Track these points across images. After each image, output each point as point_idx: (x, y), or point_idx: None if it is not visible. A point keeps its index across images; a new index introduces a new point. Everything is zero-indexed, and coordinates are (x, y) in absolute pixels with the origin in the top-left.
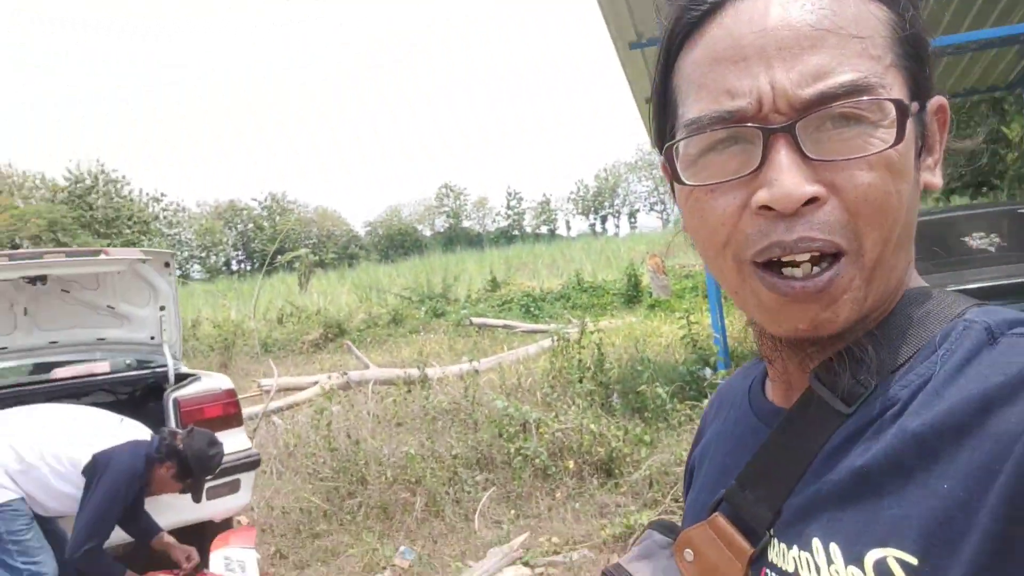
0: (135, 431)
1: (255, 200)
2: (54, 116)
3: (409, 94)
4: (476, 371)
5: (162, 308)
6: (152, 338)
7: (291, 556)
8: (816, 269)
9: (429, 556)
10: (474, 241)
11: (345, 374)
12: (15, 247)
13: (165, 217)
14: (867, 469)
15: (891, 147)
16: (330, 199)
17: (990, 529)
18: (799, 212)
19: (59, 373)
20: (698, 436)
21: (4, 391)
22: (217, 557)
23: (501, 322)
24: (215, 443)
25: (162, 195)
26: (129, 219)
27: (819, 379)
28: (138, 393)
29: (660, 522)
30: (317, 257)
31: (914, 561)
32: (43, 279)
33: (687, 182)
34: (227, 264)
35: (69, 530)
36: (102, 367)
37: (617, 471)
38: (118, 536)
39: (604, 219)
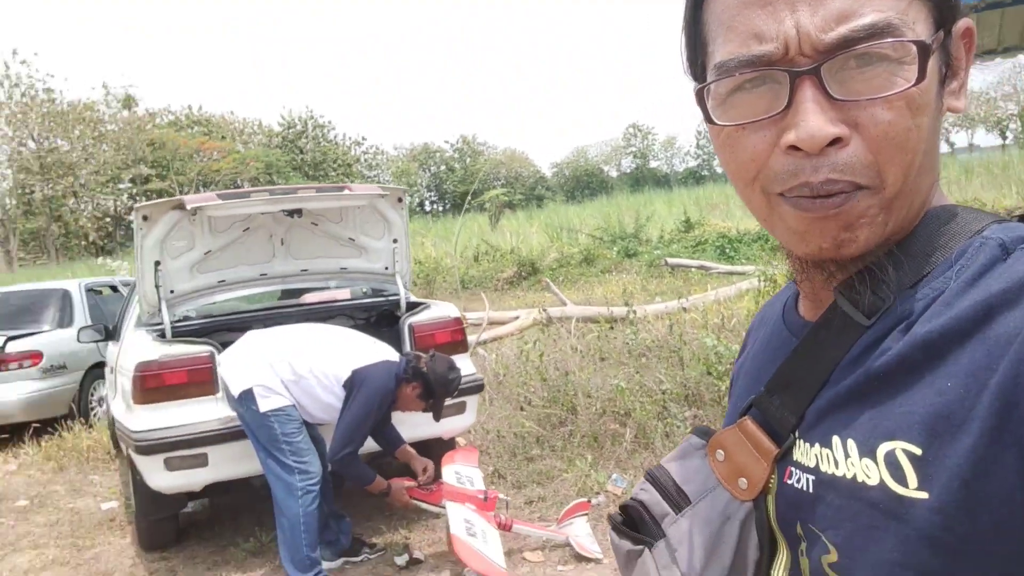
0: (386, 352)
1: (447, 143)
2: (269, 66)
3: (595, 33)
4: (684, 309)
5: (395, 241)
6: (386, 268)
7: (508, 476)
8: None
9: None
10: (661, 181)
11: (544, 310)
12: (237, 187)
13: (365, 160)
14: (881, 372)
15: (912, 86)
16: (518, 141)
17: (985, 420)
18: (824, 152)
19: (308, 298)
20: (740, 352)
21: (264, 312)
22: (448, 471)
23: (697, 263)
24: (454, 368)
25: (363, 139)
26: (334, 162)
27: (843, 295)
28: (372, 319)
29: (700, 427)
30: (507, 198)
31: (918, 451)
32: (299, 212)
33: (717, 122)
34: (421, 205)
35: (326, 438)
36: (343, 294)
37: None
38: (367, 445)
39: None
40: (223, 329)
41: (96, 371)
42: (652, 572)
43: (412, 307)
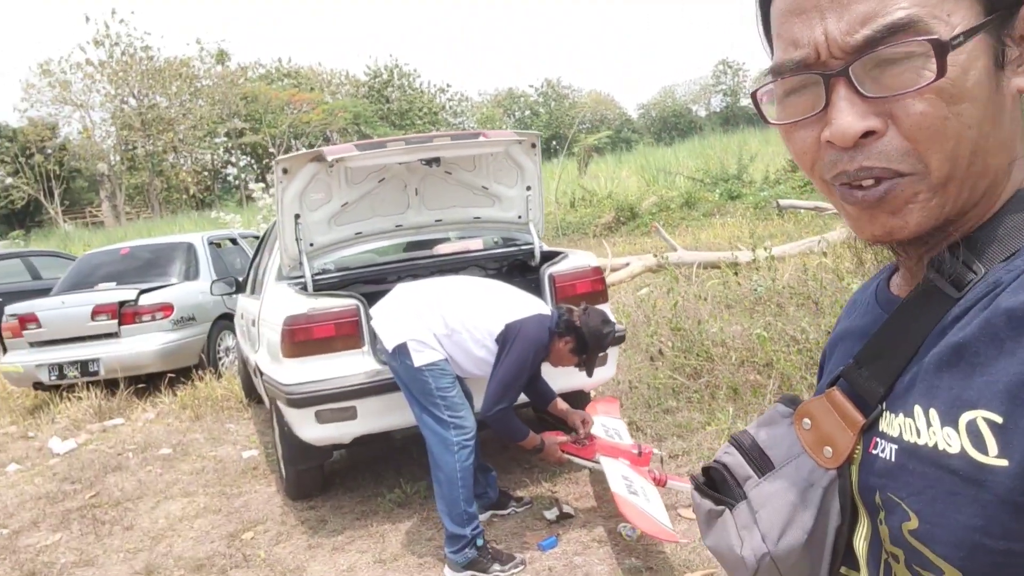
0: (538, 305)
1: (532, 87)
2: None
3: None
4: (823, 253)
5: (528, 188)
6: (519, 217)
7: (647, 430)
8: (875, 182)
9: None
10: (754, 120)
11: (664, 256)
12: (327, 140)
13: (451, 107)
14: (965, 342)
15: (934, 81)
16: (603, 82)
17: None
18: (859, 144)
19: (441, 249)
20: (832, 332)
21: (399, 264)
22: (596, 424)
23: (811, 204)
24: (608, 322)
25: (448, 86)
26: (420, 110)
27: (933, 268)
28: (504, 269)
29: (786, 395)
30: (603, 142)
31: (999, 420)
32: (437, 161)
33: (771, 121)
34: None
35: (475, 392)
36: (476, 244)
37: None
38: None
39: None
40: (360, 281)
41: (222, 323)
42: (732, 532)
43: (546, 257)
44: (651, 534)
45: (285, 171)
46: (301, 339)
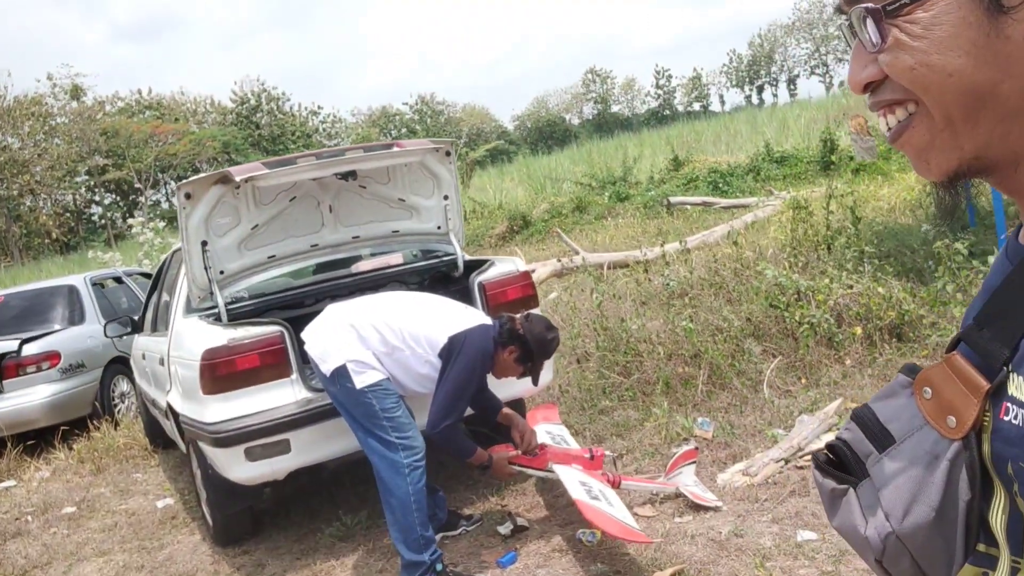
0: (478, 316)
1: (406, 104)
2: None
3: None
4: (735, 243)
5: (446, 197)
6: (439, 228)
7: (586, 431)
8: (893, 121)
9: (731, 426)
10: (624, 125)
11: (561, 260)
12: (196, 171)
13: (324, 129)
14: None
15: (881, 46)
16: (477, 96)
17: None
18: (869, 90)
19: (360, 266)
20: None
21: (317, 286)
22: (540, 431)
23: (699, 199)
24: (551, 328)
25: (319, 108)
26: (292, 134)
27: None
28: (427, 282)
29: (908, 364)
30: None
31: None
32: (353, 174)
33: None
34: None
35: (417, 411)
36: (396, 259)
37: (911, 334)
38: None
39: (761, 89)
40: (277, 307)
41: (114, 367)
42: (856, 511)
43: (471, 266)
44: (620, 536)
45: (188, 196)
46: (223, 373)
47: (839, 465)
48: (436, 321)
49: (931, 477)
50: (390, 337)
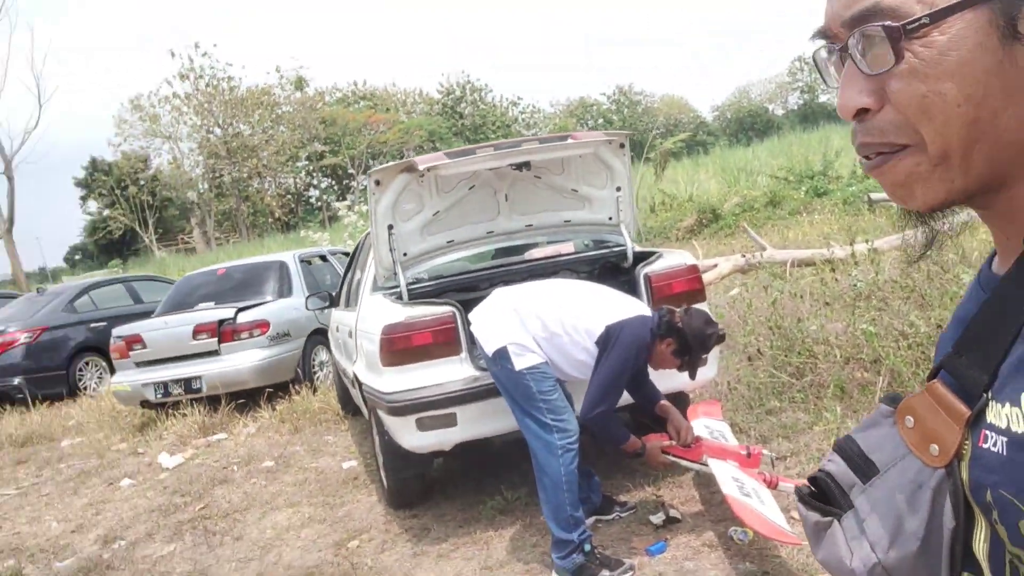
0: (638, 306)
1: (603, 95)
2: (424, 34)
3: None
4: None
5: (618, 189)
6: (610, 218)
7: (751, 431)
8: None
9: None
10: (832, 116)
11: (745, 256)
12: (402, 157)
13: (523, 120)
14: None
15: (893, 67)
16: (676, 86)
17: None
18: (860, 118)
19: (533, 254)
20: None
21: (491, 271)
22: (699, 426)
23: None
24: (711, 322)
25: (519, 99)
26: (493, 124)
27: None
28: (596, 271)
29: (889, 394)
30: (672, 145)
31: None
32: (526, 165)
33: (831, 86)
34: None
35: (576, 396)
36: (567, 248)
37: None
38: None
39: None
40: (453, 289)
41: (315, 338)
42: (841, 544)
43: (640, 257)
44: (769, 536)
45: (378, 183)
46: (399, 347)
47: (823, 497)
48: (595, 310)
49: (916, 506)
50: (550, 323)
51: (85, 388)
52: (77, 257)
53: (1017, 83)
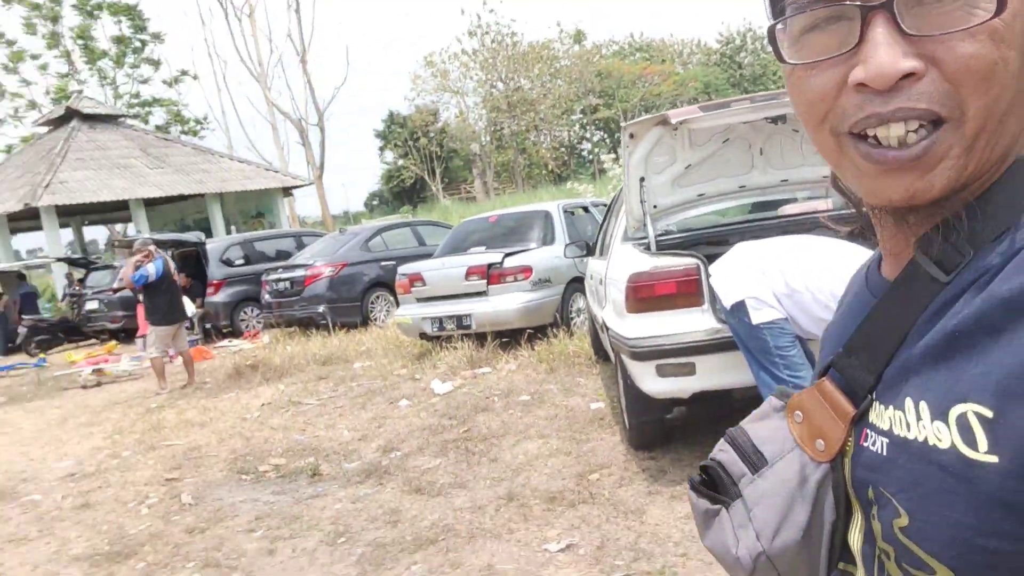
0: None
1: None
2: None
3: None
4: None
5: None
6: None
7: None
8: (913, 137)
9: None
10: None
11: None
12: (674, 107)
13: None
14: (957, 332)
15: (992, 18)
16: None
17: None
18: (896, 87)
19: (786, 210)
20: (831, 319)
21: (742, 225)
22: None
23: None
24: None
25: None
26: (774, 74)
27: (921, 249)
28: (856, 231)
29: (781, 388)
30: None
31: (989, 414)
32: (783, 118)
33: (789, 61)
34: None
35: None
36: (825, 204)
37: None
38: None
39: None
40: (702, 243)
41: (574, 285)
42: (728, 531)
43: None
44: None
45: (632, 136)
46: (644, 295)
47: (713, 485)
48: (841, 270)
49: (800, 498)
50: (792, 279)
51: (375, 319)
52: (375, 203)
53: None
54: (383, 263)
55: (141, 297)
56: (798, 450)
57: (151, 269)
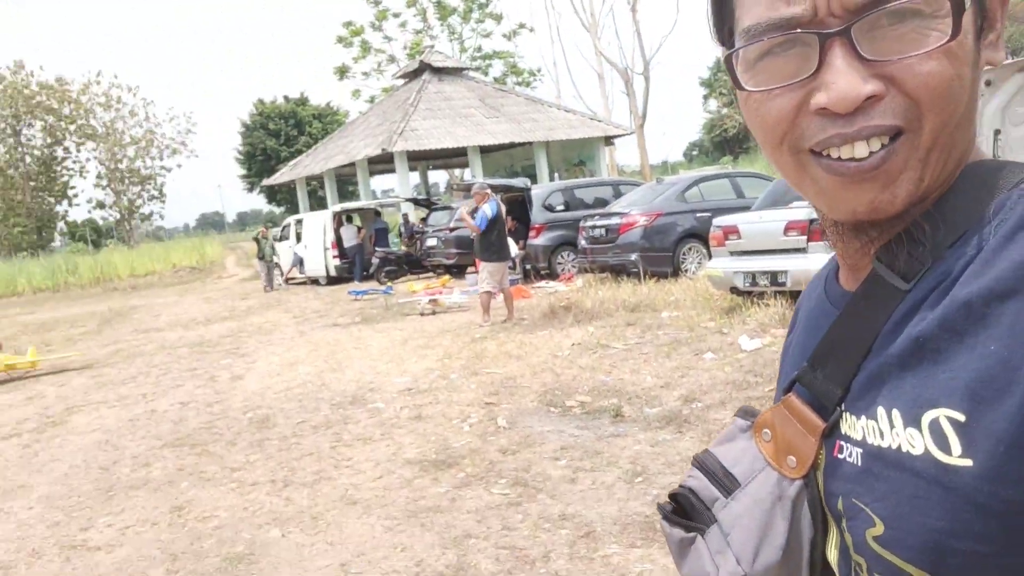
0: None
1: None
2: None
3: None
4: None
5: None
6: None
7: None
8: (871, 151)
9: None
10: None
11: None
12: None
13: None
14: (923, 338)
15: (948, 41)
16: None
17: None
18: (857, 109)
19: None
20: (789, 331)
21: None
22: None
23: None
24: None
25: None
26: None
27: (880, 260)
28: None
29: (744, 408)
30: None
31: (962, 418)
32: None
33: (746, 87)
34: None
35: None
36: None
37: None
38: None
39: None
40: None
41: None
42: (706, 558)
43: None
44: None
45: (987, 83)
46: None
47: (684, 514)
48: None
49: (776, 518)
50: None
51: (685, 270)
52: (694, 152)
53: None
54: (698, 214)
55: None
56: (769, 469)
57: (487, 210)
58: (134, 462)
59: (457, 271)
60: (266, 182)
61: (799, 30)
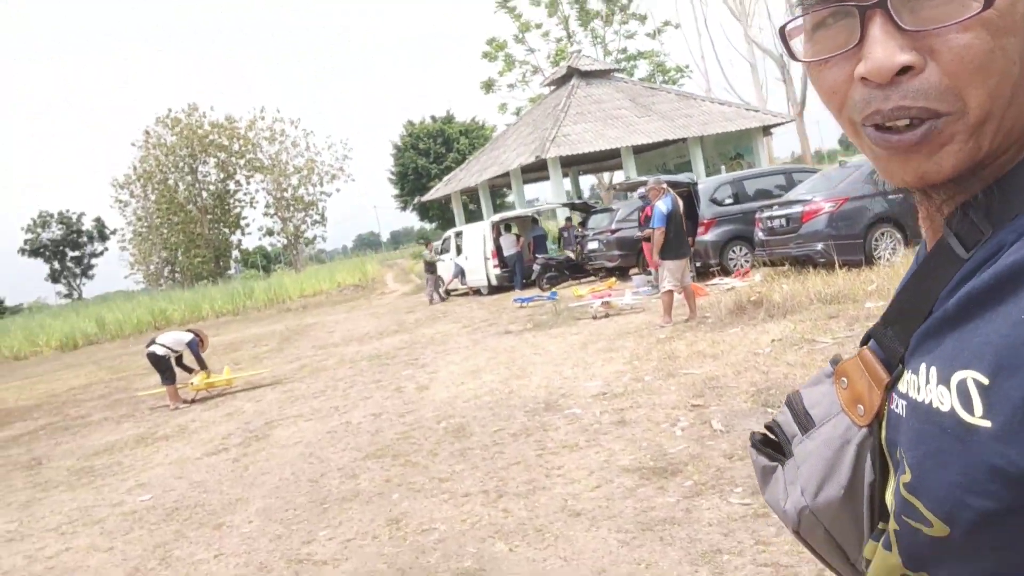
0: None
1: None
2: None
3: None
4: None
5: None
6: None
7: None
8: (913, 123)
9: None
10: None
11: None
12: None
13: None
14: (965, 302)
15: (984, 10)
16: None
17: None
18: (895, 80)
19: None
20: None
21: None
22: None
23: None
24: None
25: None
26: None
27: (948, 225)
28: None
29: (835, 357)
30: None
31: (985, 381)
32: None
33: (799, 58)
34: None
35: None
36: None
37: None
38: None
39: None
40: None
41: None
42: (780, 487)
43: None
44: None
45: None
46: None
47: (775, 444)
48: None
49: (841, 459)
50: None
51: (879, 257)
52: None
53: None
54: (891, 197)
55: (645, 235)
56: (842, 414)
57: (662, 206)
58: (341, 474)
59: (620, 273)
60: (422, 199)
61: (842, 1)
